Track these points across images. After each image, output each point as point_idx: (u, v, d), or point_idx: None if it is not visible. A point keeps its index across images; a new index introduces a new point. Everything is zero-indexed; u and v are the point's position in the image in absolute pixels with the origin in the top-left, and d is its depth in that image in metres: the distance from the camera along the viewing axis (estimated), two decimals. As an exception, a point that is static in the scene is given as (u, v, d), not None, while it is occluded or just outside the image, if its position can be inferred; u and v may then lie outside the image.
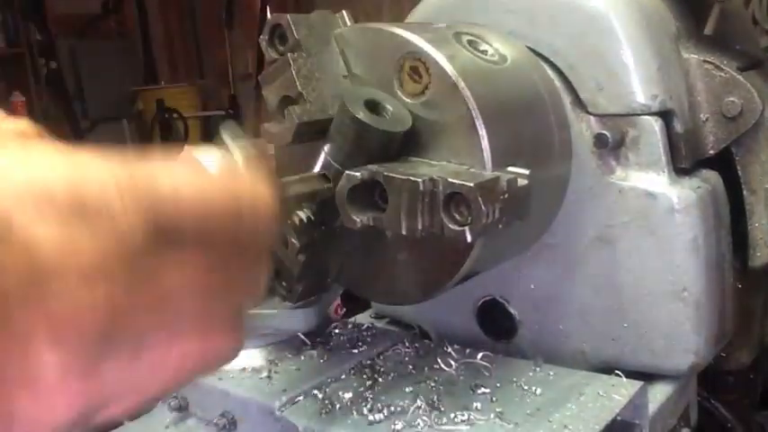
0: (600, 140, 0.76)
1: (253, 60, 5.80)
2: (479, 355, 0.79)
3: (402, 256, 0.68)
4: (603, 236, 0.79)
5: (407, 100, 0.64)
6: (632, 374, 0.76)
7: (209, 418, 0.78)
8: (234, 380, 0.78)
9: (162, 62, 6.60)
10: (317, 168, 0.64)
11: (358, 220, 0.59)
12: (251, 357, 0.83)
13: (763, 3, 1.98)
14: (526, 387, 0.73)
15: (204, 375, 0.36)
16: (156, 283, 0.31)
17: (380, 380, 0.76)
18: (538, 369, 0.77)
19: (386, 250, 0.69)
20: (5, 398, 0.28)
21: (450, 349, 0.82)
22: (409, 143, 0.63)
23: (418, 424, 0.67)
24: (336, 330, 0.90)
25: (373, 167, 0.59)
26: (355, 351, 0.84)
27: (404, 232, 0.57)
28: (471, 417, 0.68)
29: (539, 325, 0.85)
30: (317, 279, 0.71)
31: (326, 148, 0.63)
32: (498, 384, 0.74)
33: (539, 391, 0.72)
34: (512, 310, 0.86)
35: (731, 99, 0.80)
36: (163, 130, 5.94)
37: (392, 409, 0.70)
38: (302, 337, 0.86)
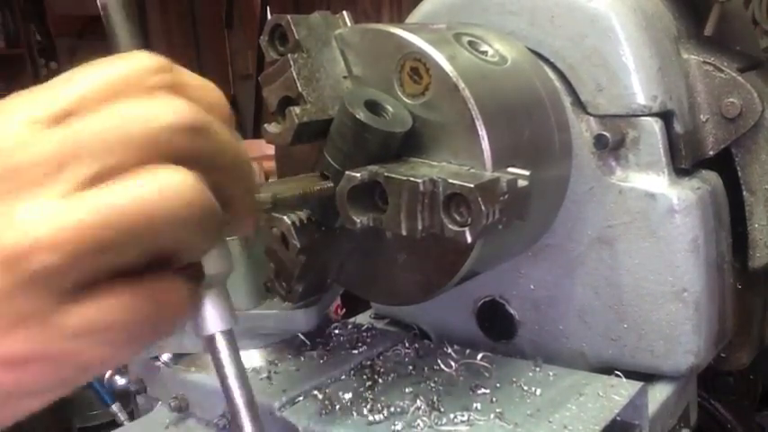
0: (600, 141, 0.76)
1: (253, 60, 5.80)
2: (479, 356, 0.79)
3: (402, 256, 0.68)
4: (603, 236, 0.79)
5: (407, 101, 0.64)
6: (632, 375, 0.76)
7: (209, 418, 0.78)
8: (234, 380, 0.78)
9: (162, 62, 6.57)
10: (317, 169, 0.64)
11: (358, 220, 0.59)
12: (251, 358, 0.83)
13: (762, 3, 1.98)
14: (526, 387, 0.73)
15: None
16: None
17: (380, 380, 0.76)
18: (538, 369, 0.77)
19: (386, 251, 0.69)
20: None
21: (449, 350, 0.82)
22: (409, 144, 0.63)
23: (418, 424, 0.67)
24: (336, 331, 0.90)
25: (373, 168, 0.59)
26: (355, 352, 0.84)
27: (404, 233, 0.57)
28: (471, 417, 0.68)
29: (538, 325, 0.85)
30: (317, 279, 0.71)
31: (326, 148, 0.64)
32: (498, 385, 0.74)
33: (539, 391, 0.72)
34: (511, 311, 0.86)
35: (731, 100, 0.80)
36: (163, 131, 5.92)
37: (392, 409, 0.70)
38: (302, 337, 0.86)
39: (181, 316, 0.37)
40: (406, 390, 0.74)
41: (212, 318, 0.42)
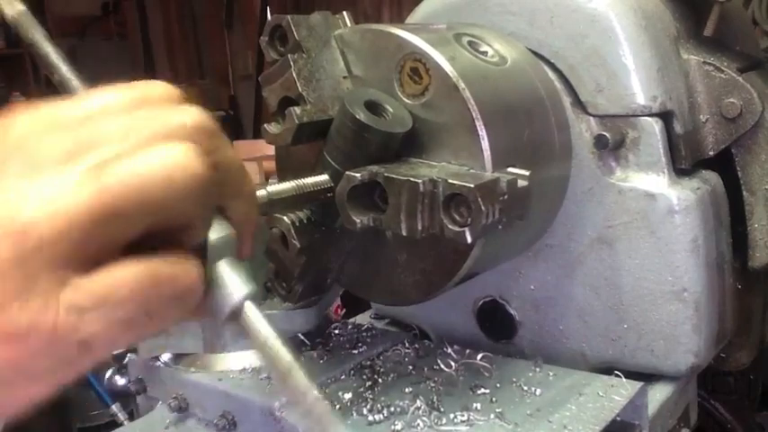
0: (600, 141, 0.76)
1: (253, 61, 5.80)
2: (479, 356, 0.79)
3: (402, 256, 0.68)
4: (603, 236, 0.79)
5: (408, 101, 0.64)
6: (632, 375, 0.76)
7: (210, 418, 0.78)
8: (234, 380, 0.78)
9: (162, 62, 6.59)
10: (317, 169, 0.64)
11: (358, 220, 0.59)
12: (251, 358, 0.83)
13: (762, 3, 1.98)
14: (526, 387, 0.73)
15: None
16: None
17: (380, 380, 0.76)
18: (538, 369, 0.77)
19: (386, 251, 0.69)
20: None
21: (449, 350, 0.82)
22: (409, 144, 0.63)
23: (418, 424, 0.67)
24: (336, 331, 0.90)
25: (373, 168, 0.59)
26: (355, 352, 0.84)
27: (404, 233, 0.57)
28: (471, 417, 0.68)
29: (538, 325, 0.85)
30: (317, 279, 0.71)
31: (326, 148, 0.64)
32: (498, 385, 0.74)
33: (538, 391, 0.72)
34: (512, 311, 0.86)
35: (731, 100, 0.80)
36: (163, 131, 5.93)
37: (392, 409, 0.70)
38: (302, 337, 0.86)
39: (192, 294, 0.37)
40: (406, 390, 0.74)
41: (235, 284, 0.39)
